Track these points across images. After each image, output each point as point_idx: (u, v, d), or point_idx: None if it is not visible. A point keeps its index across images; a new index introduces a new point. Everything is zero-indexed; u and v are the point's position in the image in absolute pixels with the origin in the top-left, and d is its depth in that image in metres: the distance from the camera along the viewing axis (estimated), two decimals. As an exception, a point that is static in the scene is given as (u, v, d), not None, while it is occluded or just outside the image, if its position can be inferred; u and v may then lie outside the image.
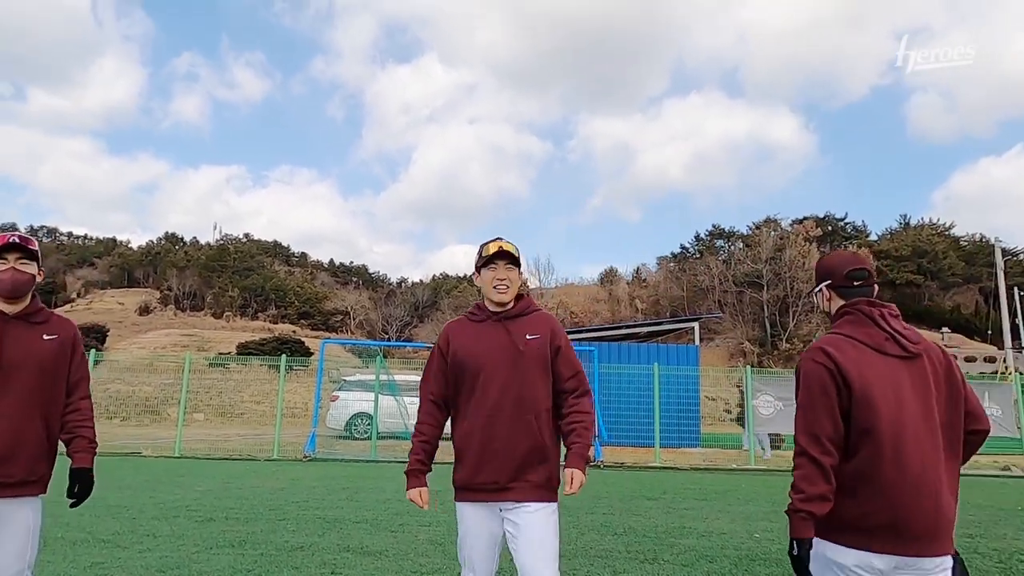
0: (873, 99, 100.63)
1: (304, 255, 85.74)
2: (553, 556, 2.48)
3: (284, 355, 17.36)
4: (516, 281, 2.63)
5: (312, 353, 31.11)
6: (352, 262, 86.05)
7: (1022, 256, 53.87)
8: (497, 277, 2.59)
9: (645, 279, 59.65)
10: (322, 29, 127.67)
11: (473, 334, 2.63)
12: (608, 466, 12.39)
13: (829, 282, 2.22)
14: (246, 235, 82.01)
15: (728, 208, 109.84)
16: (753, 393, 13.70)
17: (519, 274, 2.66)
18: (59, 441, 2.62)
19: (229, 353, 33.74)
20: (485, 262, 2.62)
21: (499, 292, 2.59)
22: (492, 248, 2.61)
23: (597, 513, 7.07)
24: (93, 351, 14.86)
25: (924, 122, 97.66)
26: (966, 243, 58.38)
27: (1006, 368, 27.02)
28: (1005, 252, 40.45)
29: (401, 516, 6.54)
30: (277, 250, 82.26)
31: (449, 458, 2.60)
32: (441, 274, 72.83)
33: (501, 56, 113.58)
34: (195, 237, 78.95)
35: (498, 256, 2.60)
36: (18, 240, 2.49)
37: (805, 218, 53.84)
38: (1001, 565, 5.14)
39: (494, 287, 2.59)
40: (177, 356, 26.74)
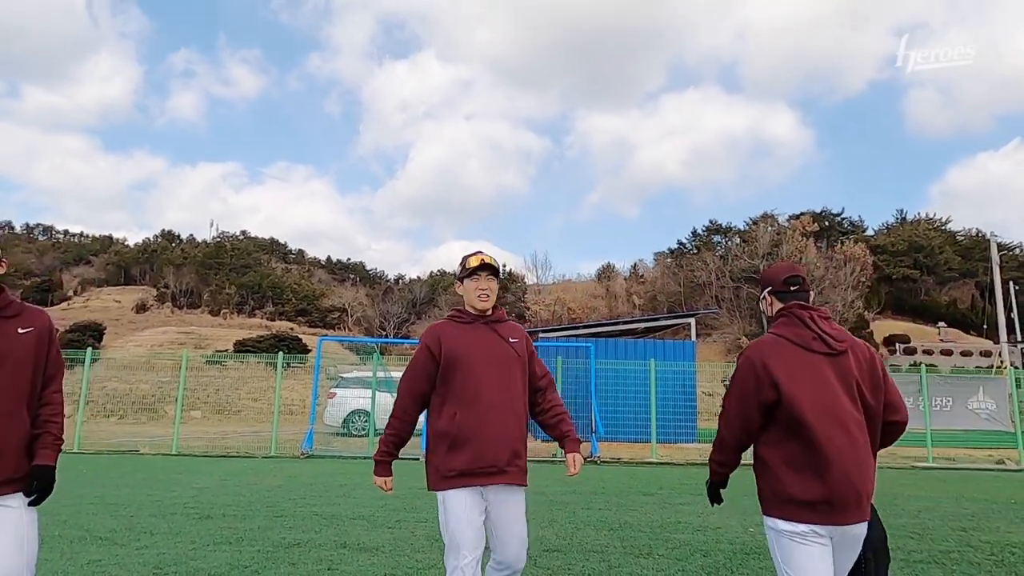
0: (871, 94, 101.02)
1: (301, 252, 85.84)
2: (527, 530, 2.84)
3: (281, 352, 17.34)
4: (495, 290, 2.92)
5: (309, 350, 31.12)
6: (349, 259, 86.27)
7: (1018, 251, 54.05)
8: (480, 287, 2.87)
9: (642, 275, 59.72)
10: (319, 25, 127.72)
11: (464, 334, 2.84)
12: (605, 462, 12.43)
13: (770, 288, 2.55)
14: (243, 232, 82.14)
15: (725, 204, 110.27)
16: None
17: (497, 284, 2.95)
18: None
19: (226, 351, 33.76)
20: (468, 273, 2.89)
21: (482, 300, 2.86)
22: (475, 261, 2.88)
23: (593, 508, 7.11)
24: (90, 349, 14.86)
25: (922, 117, 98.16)
26: (962, 238, 58.48)
27: (1001, 362, 27.15)
28: (1001, 247, 40.59)
29: (398, 512, 6.56)
30: (274, 247, 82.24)
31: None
32: (439, 271, 72.76)
33: (498, 52, 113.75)
34: (192, 234, 79.03)
35: (481, 268, 2.87)
36: None
37: (802, 213, 53.90)
38: (994, 558, 5.18)
39: (477, 296, 2.86)
40: (174, 354, 26.72)
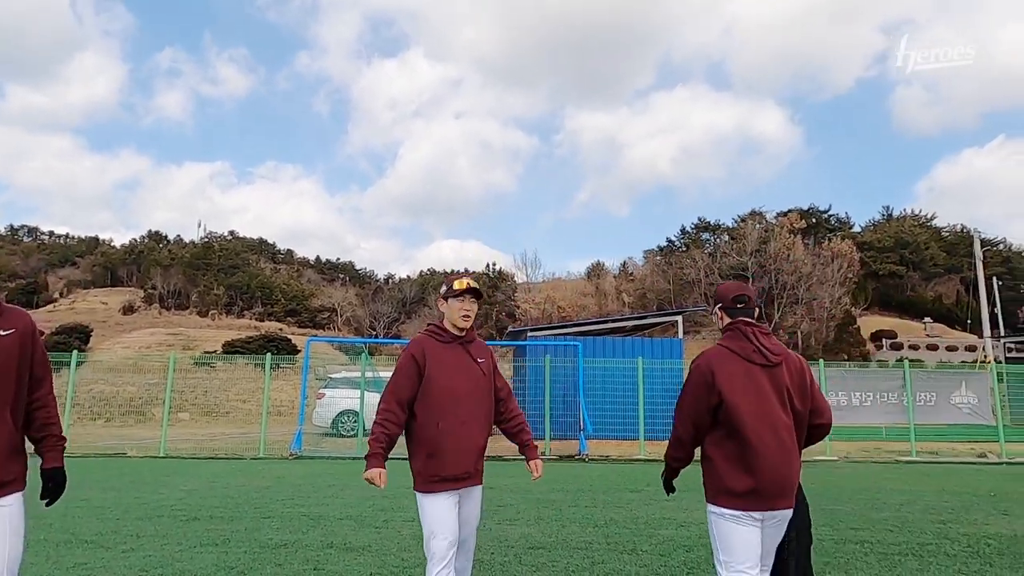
0: (858, 92, 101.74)
1: (290, 252, 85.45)
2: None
3: (270, 353, 17.31)
4: (475, 312, 3.19)
5: (298, 351, 31.03)
6: (339, 259, 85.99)
7: (1001, 246, 54.68)
8: (464, 308, 3.12)
9: (632, 273, 59.89)
10: (307, 23, 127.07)
11: (443, 352, 3.11)
12: (593, 459, 12.51)
13: (721, 304, 2.91)
14: (231, 232, 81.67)
15: (714, 201, 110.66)
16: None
17: (478, 307, 3.20)
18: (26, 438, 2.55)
19: (215, 352, 33.59)
20: (455, 294, 3.12)
21: (464, 320, 3.13)
22: (462, 285, 3.13)
23: (579, 506, 7.17)
24: (76, 352, 14.76)
25: (908, 114, 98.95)
26: (947, 234, 59.03)
27: (985, 357, 27.47)
28: (984, 242, 41.02)
29: (386, 512, 6.60)
30: (263, 247, 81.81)
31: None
32: (429, 270, 72.86)
33: (487, 51, 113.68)
34: (179, 235, 78.49)
35: (467, 292, 3.12)
36: None
37: (790, 210, 54.28)
38: (970, 549, 5.29)
39: (461, 316, 3.12)
40: (162, 355, 26.53)
